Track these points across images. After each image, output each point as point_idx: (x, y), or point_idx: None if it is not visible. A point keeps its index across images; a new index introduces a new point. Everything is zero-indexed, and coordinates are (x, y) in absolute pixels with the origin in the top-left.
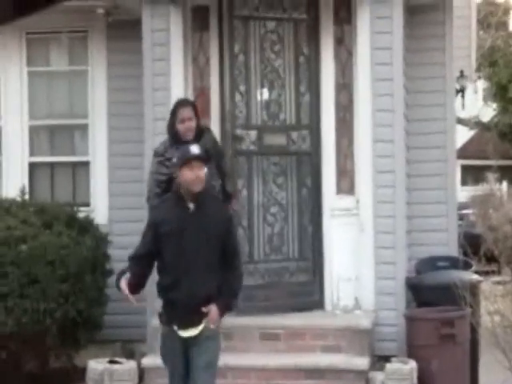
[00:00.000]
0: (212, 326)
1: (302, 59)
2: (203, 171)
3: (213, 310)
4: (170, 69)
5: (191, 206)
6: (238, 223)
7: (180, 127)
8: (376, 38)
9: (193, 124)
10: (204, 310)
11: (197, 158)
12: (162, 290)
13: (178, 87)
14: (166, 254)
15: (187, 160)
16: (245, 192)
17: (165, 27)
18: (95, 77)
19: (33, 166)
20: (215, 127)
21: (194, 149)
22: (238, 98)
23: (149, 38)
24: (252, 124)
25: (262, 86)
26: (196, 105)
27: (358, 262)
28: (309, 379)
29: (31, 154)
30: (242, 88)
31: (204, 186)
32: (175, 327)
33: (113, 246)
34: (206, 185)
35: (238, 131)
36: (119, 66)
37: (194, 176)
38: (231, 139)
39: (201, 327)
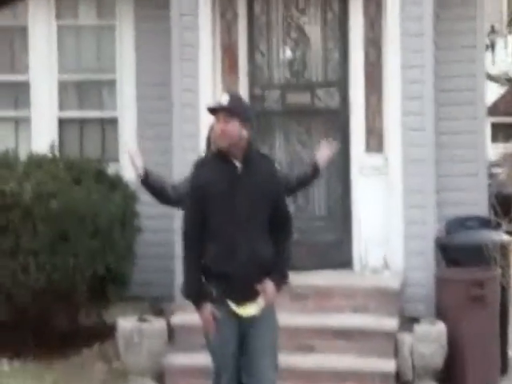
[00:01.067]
0: (269, 303)
1: (329, 15)
2: (231, 125)
3: (269, 285)
4: (198, 23)
5: (238, 164)
6: None
7: (212, 135)
8: None
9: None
10: (259, 287)
11: (223, 108)
12: (213, 261)
13: (206, 42)
14: (215, 220)
15: (213, 111)
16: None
17: None
18: (123, 31)
19: (62, 122)
20: (243, 86)
21: (224, 98)
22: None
23: None
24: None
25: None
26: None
27: (388, 221)
28: (337, 339)
29: (60, 108)
30: (264, 46)
31: (240, 142)
32: (232, 305)
33: (141, 202)
34: (245, 141)
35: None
36: (147, 21)
37: (219, 129)
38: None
39: (261, 303)
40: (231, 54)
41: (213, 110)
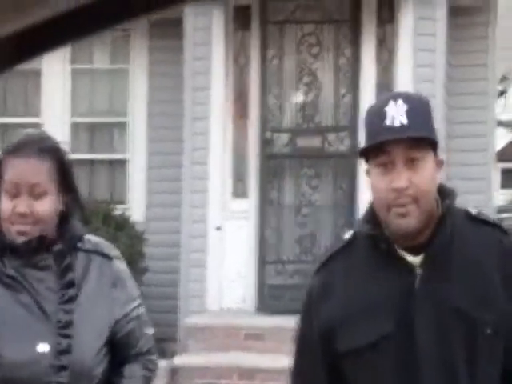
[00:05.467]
0: None
1: (342, 60)
2: (422, 167)
3: None
4: (211, 68)
5: (416, 263)
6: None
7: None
8: (418, 39)
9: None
10: None
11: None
12: None
13: (218, 86)
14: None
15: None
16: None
17: (207, 26)
18: (136, 75)
19: (73, 164)
20: (253, 129)
21: (397, 110)
22: (272, 100)
23: (190, 37)
24: (286, 127)
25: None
26: None
27: None
28: None
29: (71, 151)
30: (277, 91)
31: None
32: None
33: (147, 243)
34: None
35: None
36: (160, 65)
37: (402, 181)
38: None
39: None
40: (243, 98)
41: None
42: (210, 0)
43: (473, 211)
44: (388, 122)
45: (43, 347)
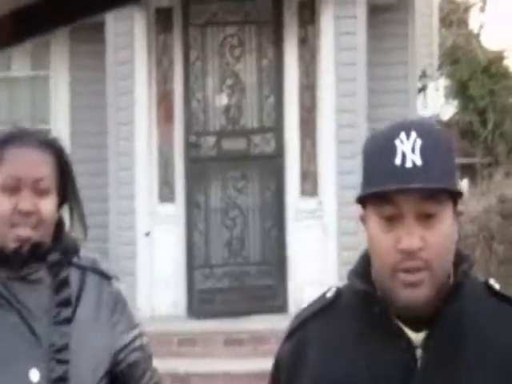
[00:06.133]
0: None
1: (265, 62)
2: (440, 221)
3: None
4: (134, 72)
5: (417, 339)
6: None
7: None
8: (339, 38)
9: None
10: None
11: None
12: None
13: (142, 91)
14: None
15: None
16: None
17: (128, 30)
18: (58, 81)
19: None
20: (178, 132)
21: (411, 147)
22: (196, 104)
23: (112, 41)
24: (211, 130)
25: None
26: None
27: (323, 263)
28: None
29: None
30: (201, 93)
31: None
32: None
33: None
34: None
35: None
36: (82, 70)
37: (414, 240)
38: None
39: None
40: (167, 102)
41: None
42: (131, 3)
43: (495, 285)
44: (397, 162)
45: (34, 375)
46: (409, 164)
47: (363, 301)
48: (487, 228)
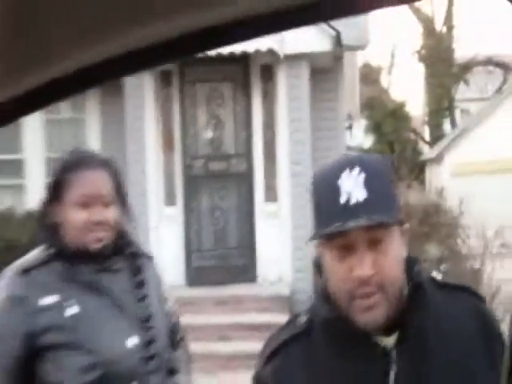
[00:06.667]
0: None
1: (238, 108)
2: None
3: None
4: (145, 115)
5: (389, 343)
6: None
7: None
8: (290, 91)
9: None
10: None
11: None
12: None
13: (151, 128)
14: None
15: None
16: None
17: (140, 84)
18: (91, 122)
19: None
20: (178, 157)
21: (352, 185)
22: (190, 137)
23: (129, 92)
24: (201, 155)
25: (209, 128)
26: None
27: (281, 249)
28: (247, 331)
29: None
30: (193, 130)
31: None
32: None
33: None
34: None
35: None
36: (108, 113)
37: (365, 266)
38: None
39: None
40: (169, 136)
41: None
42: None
43: (437, 277)
44: (342, 200)
45: (132, 341)
46: (353, 200)
47: (333, 325)
48: None
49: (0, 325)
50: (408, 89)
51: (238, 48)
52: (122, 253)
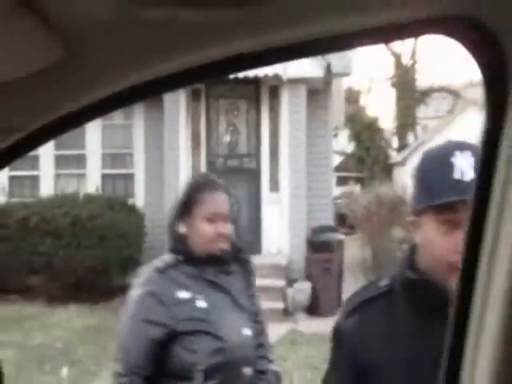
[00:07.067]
0: None
1: (250, 119)
2: None
3: None
4: (179, 122)
5: None
6: None
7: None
8: (292, 107)
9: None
10: None
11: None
12: None
13: (183, 133)
14: None
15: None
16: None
17: (176, 98)
18: (138, 128)
19: (103, 176)
20: (203, 156)
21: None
22: (213, 140)
23: (167, 105)
24: (221, 154)
25: (227, 133)
26: None
27: (281, 228)
28: None
29: (102, 168)
30: (216, 135)
31: None
32: None
33: (146, 219)
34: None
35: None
36: (152, 120)
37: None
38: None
39: None
40: (197, 139)
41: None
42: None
43: None
44: (457, 176)
45: (247, 332)
46: (466, 178)
47: (418, 287)
48: (373, 213)
49: (142, 314)
50: (381, 108)
51: (250, 73)
52: (236, 258)
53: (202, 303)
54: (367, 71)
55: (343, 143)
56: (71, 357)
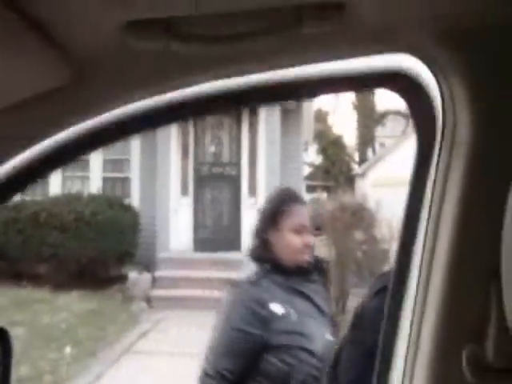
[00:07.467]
0: None
1: (232, 133)
2: None
3: None
4: (171, 135)
5: None
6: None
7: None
8: (267, 124)
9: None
10: None
11: None
12: None
13: (174, 145)
14: None
15: None
16: (202, 195)
17: None
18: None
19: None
20: (191, 163)
21: None
22: (200, 150)
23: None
24: (207, 162)
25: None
26: None
27: None
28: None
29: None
30: (201, 146)
31: None
32: None
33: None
34: None
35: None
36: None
37: None
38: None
39: None
40: (186, 149)
41: None
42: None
43: None
44: None
45: (329, 336)
46: None
47: None
48: (337, 217)
49: (237, 323)
50: (345, 127)
51: None
52: (316, 267)
53: (294, 316)
54: (334, 95)
55: (312, 156)
56: (74, 337)
